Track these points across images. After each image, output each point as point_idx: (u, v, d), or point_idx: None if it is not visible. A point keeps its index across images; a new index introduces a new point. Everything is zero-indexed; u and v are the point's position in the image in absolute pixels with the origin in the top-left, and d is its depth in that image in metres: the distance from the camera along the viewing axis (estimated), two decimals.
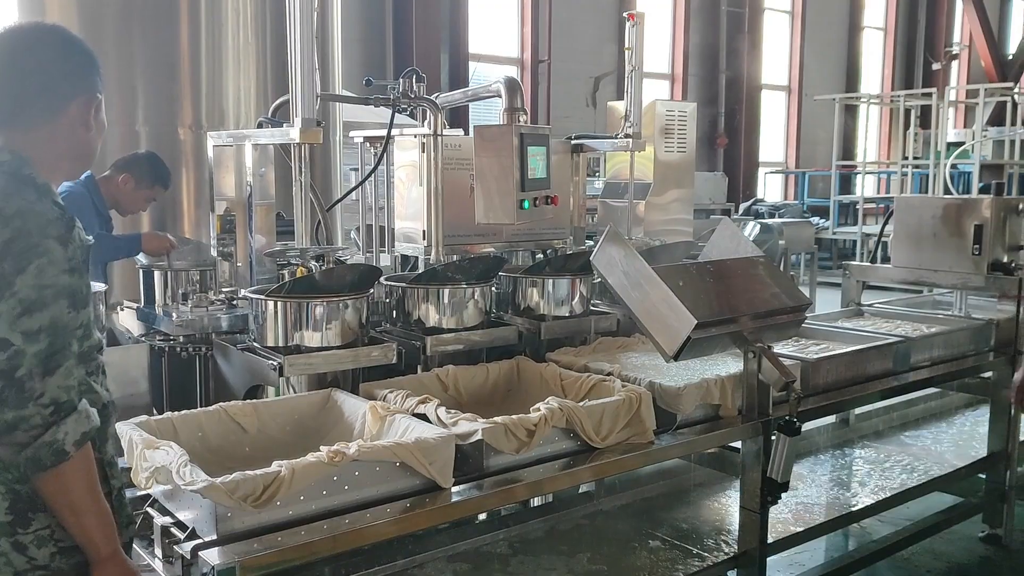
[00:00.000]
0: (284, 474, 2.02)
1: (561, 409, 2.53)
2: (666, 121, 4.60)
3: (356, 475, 2.15)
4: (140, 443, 2.21)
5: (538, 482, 2.48)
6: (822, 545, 4.04)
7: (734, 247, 3.21)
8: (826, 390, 3.42)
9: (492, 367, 3.14)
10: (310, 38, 2.84)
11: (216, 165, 3.47)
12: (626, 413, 2.67)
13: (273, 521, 2.03)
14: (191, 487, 1.96)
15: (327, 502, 2.11)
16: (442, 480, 2.26)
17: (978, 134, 12.30)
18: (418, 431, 2.35)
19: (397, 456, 2.20)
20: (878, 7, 20.95)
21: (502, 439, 2.40)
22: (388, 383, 2.83)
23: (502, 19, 14.90)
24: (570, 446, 2.59)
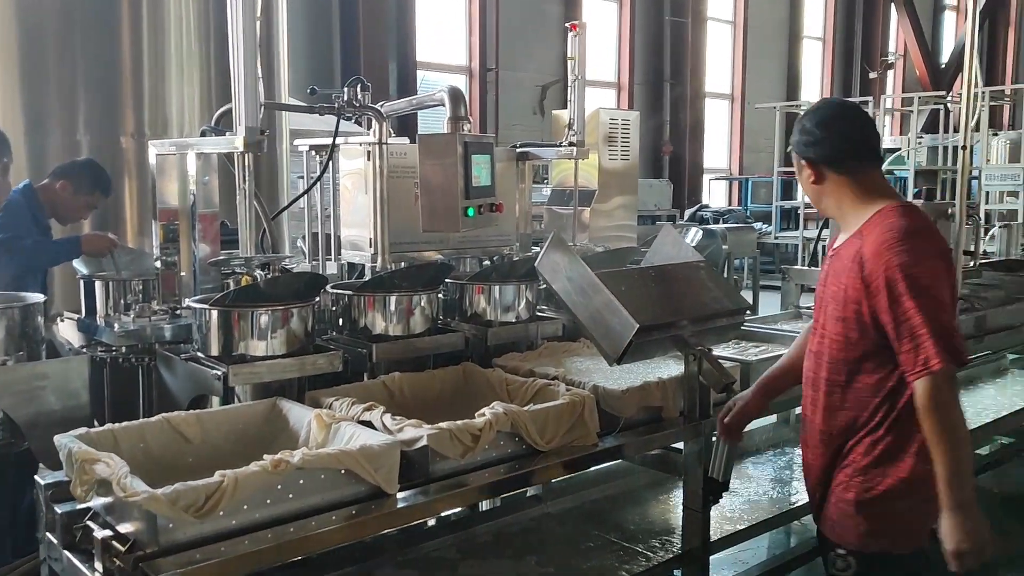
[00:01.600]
0: (227, 484, 2.00)
1: (506, 414, 2.55)
2: (610, 129, 4.69)
3: (301, 483, 2.15)
4: (79, 456, 2.18)
5: (483, 486, 2.50)
6: (765, 542, 4.13)
7: (675, 252, 3.28)
8: None
9: (438, 373, 3.15)
10: (252, 47, 2.84)
11: (159, 174, 3.45)
12: (570, 417, 2.70)
13: (216, 531, 2.02)
14: (132, 498, 1.94)
15: (271, 511, 2.10)
16: (387, 486, 2.27)
17: (912, 141, 12.67)
18: (363, 438, 2.35)
19: (342, 464, 2.20)
20: (817, 17, 21.48)
21: (447, 444, 2.42)
22: (334, 391, 2.83)
23: (450, 28, 14.95)
24: (515, 450, 2.61)
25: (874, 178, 2.38)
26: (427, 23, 14.22)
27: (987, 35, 25.32)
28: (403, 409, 2.80)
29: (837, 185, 2.38)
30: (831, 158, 2.37)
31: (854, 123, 2.40)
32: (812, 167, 2.40)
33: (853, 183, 2.37)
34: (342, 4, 13.06)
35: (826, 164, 2.38)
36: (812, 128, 2.38)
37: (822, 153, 2.37)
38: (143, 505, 1.93)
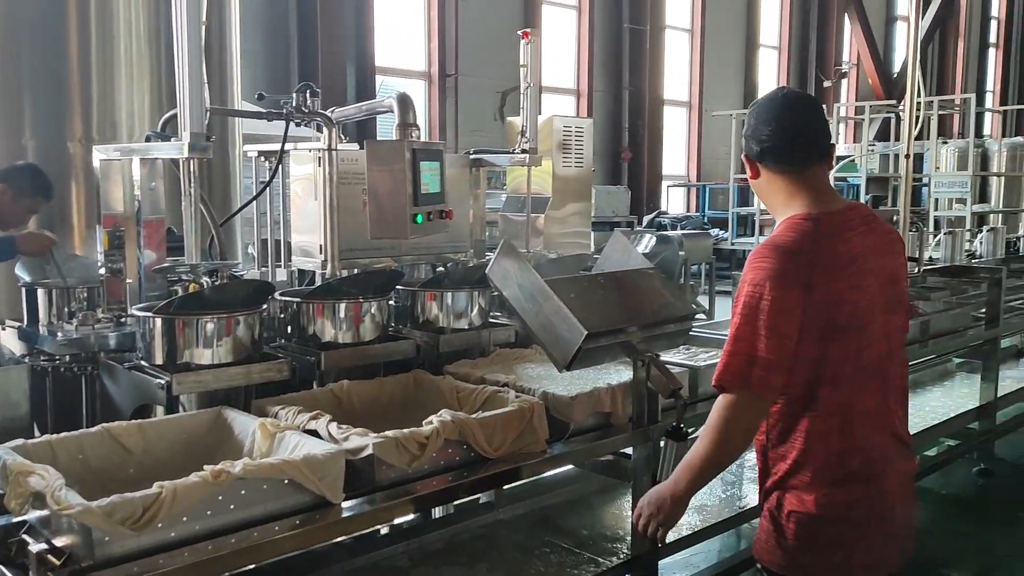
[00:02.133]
0: (165, 495, 1.98)
1: (453, 421, 2.55)
2: (563, 136, 4.71)
3: (243, 494, 2.12)
4: (14, 468, 2.14)
5: (429, 495, 2.49)
6: (715, 545, 4.17)
7: (625, 259, 3.31)
8: (714, 396, 3.53)
9: (388, 381, 3.14)
10: (198, 51, 2.81)
11: (103, 179, 3.39)
12: (519, 423, 2.71)
13: (155, 544, 1.99)
14: (66, 511, 1.91)
15: (212, 522, 2.08)
16: (332, 496, 2.26)
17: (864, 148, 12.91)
18: (307, 447, 2.34)
19: (284, 473, 2.18)
20: (773, 26, 21.80)
21: (393, 453, 2.41)
22: (280, 399, 2.80)
23: (409, 33, 14.91)
24: (464, 458, 2.61)
25: (807, 179, 2.17)
26: (386, 28, 14.18)
27: (938, 45, 25.92)
28: (351, 418, 2.79)
29: (768, 182, 2.22)
30: (759, 153, 2.20)
31: (789, 115, 2.18)
32: (747, 161, 2.25)
33: (782, 182, 2.19)
34: (299, 8, 12.96)
35: (757, 159, 2.21)
36: (750, 120, 2.22)
37: (752, 148, 2.21)
38: (77, 518, 1.90)
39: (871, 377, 2.19)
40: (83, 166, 4.45)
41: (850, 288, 2.12)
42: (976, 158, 13.07)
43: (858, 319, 2.13)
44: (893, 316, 2.23)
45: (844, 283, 2.12)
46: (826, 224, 2.14)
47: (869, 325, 2.15)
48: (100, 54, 4.52)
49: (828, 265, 2.11)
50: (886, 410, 2.23)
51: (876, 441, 2.20)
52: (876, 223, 2.26)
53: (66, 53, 4.47)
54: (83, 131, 4.49)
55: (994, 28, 28.84)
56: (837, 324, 2.10)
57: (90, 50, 4.51)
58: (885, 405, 2.23)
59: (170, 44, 2.88)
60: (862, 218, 2.21)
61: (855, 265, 2.14)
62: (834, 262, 2.12)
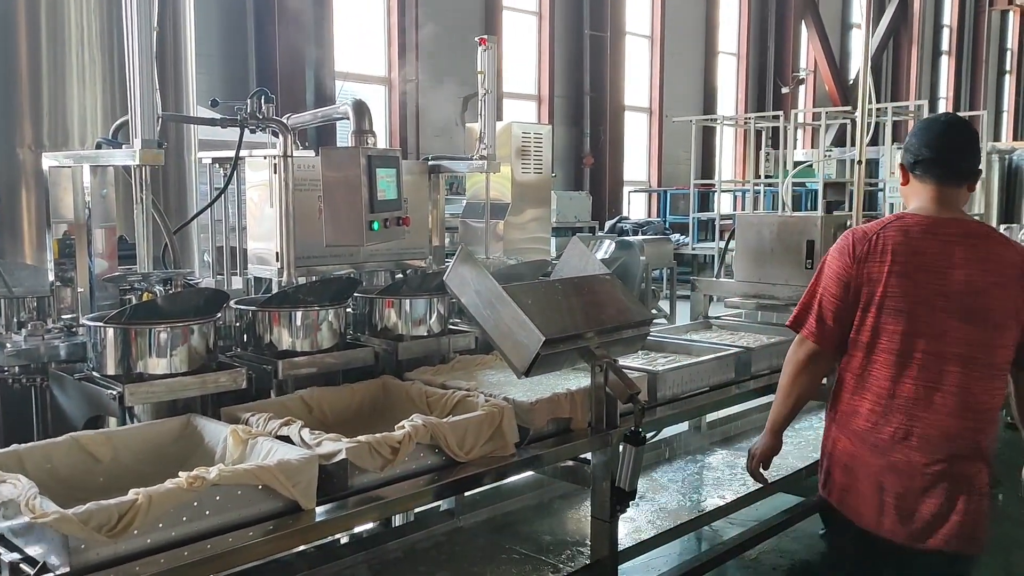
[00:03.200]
0: (141, 502, 1.99)
1: (425, 425, 2.58)
2: (522, 143, 4.72)
3: (217, 500, 2.13)
4: None
5: (403, 498, 2.51)
6: (676, 549, 4.20)
7: (583, 266, 3.33)
8: (673, 400, 3.57)
9: (357, 387, 3.13)
10: (149, 57, 2.77)
11: (53, 186, 3.33)
12: (489, 427, 2.74)
13: (131, 551, 1.99)
14: (42, 520, 1.90)
15: (188, 528, 2.09)
16: (305, 501, 2.27)
17: (821, 154, 13.09)
18: (280, 453, 2.34)
19: (259, 479, 2.19)
20: (731, 33, 22.08)
21: (366, 457, 2.43)
22: (250, 406, 2.79)
23: (370, 38, 14.85)
24: (435, 462, 2.63)
25: (935, 192, 2.55)
26: (346, 32, 14.10)
27: (891, 52, 26.44)
28: (322, 424, 2.79)
29: (910, 188, 2.63)
30: (911, 165, 2.60)
31: (939, 140, 2.56)
32: (901, 168, 2.65)
33: (918, 190, 2.59)
34: (257, 12, 12.85)
35: (909, 169, 2.61)
36: (911, 135, 2.64)
37: (907, 159, 2.62)
38: (54, 526, 1.89)
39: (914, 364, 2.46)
40: (33, 173, 4.35)
41: (897, 275, 2.46)
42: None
43: (899, 304, 2.47)
44: (966, 325, 2.45)
45: (892, 268, 2.47)
46: (910, 222, 2.53)
47: (917, 317, 2.46)
48: (51, 59, 4.44)
49: (884, 250, 2.49)
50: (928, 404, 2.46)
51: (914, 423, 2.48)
52: (982, 242, 2.50)
53: (16, 57, 4.38)
54: (33, 137, 4.39)
55: (946, 36, 29.51)
56: (870, 299, 2.50)
57: (40, 54, 4.42)
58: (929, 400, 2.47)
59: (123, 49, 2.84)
60: (963, 233, 2.50)
61: (917, 259, 2.47)
62: (893, 250, 2.48)
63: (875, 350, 2.52)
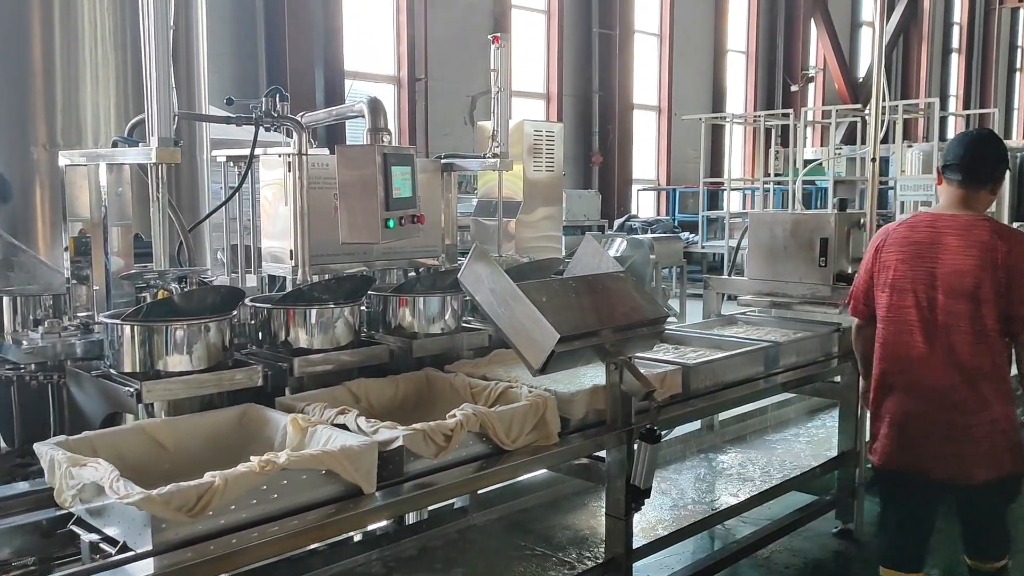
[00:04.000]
0: (218, 484, 2.08)
1: (475, 414, 2.68)
2: (534, 141, 4.72)
3: (284, 484, 2.23)
4: (65, 461, 2.22)
5: (456, 484, 2.62)
6: (689, 547, 4.19)
7: (596, 263, 3.33)
8: (705, 393, 3.66)
9: (401, 379, 3.23)
10: (166, 56, 2.78)
11: (69, 184, 3.34)
12: (533, 417, 2.84)
13: (206, 531, 2.08)
14: (127, 500, 1.99)
15: (257, 511, 2.17)
16: (366, 486, 2.36)
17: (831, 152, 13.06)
18: (341, 440, 2.44)
19: (324, 464, 2.29)
20: (740, 32, 22.01)
21: (421, 444, 2.53)
22: (303, 396, 2.90)
23: (379, 36, 14.86)
24: (482, 450, 2.73)
25: (956, 194, 3.10)
26: (355, 31, 14.11)
27: (902, 50, 26.34)
28: (369, 414, 2.87)
29: (941, 188, 3.21)
30: (942, 168, 3.17)
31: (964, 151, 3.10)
32: (937, 170, 3.24)
33: (944, 189, 3.16)
34: (267, 11, 12.87)
35: (941, 171, 3.19)
36: (948, 143, 3.30)
37: (941, 163, 3.21)
38: (139, 506, 1.99)
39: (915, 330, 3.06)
40: (47, 171, 4.37)
41: (901, 262, 3.10)
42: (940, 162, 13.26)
43: (903, 284, 3.09)
44: (952, 299, 3.00)
45: (897, 256, 3.11)
46: (916, 219, 3.17)
47: (916, 293, 3.05)
48: (64, 57, 4.45)
49: (894, 243, 3.14)
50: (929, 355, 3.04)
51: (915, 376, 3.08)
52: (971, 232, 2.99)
53: (29, 56, 4.39)
54: (47, 136, 4.41)
55: (956, 34, 29.37)
56: (885, 281, 3.15)
57: (54, 53, 4.43)
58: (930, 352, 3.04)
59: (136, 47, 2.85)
60: (959, 226, 3.02)
61: (915, 248, 3.07)
62: (896, 242, 3.13)
63: (887, 320, 3.14)
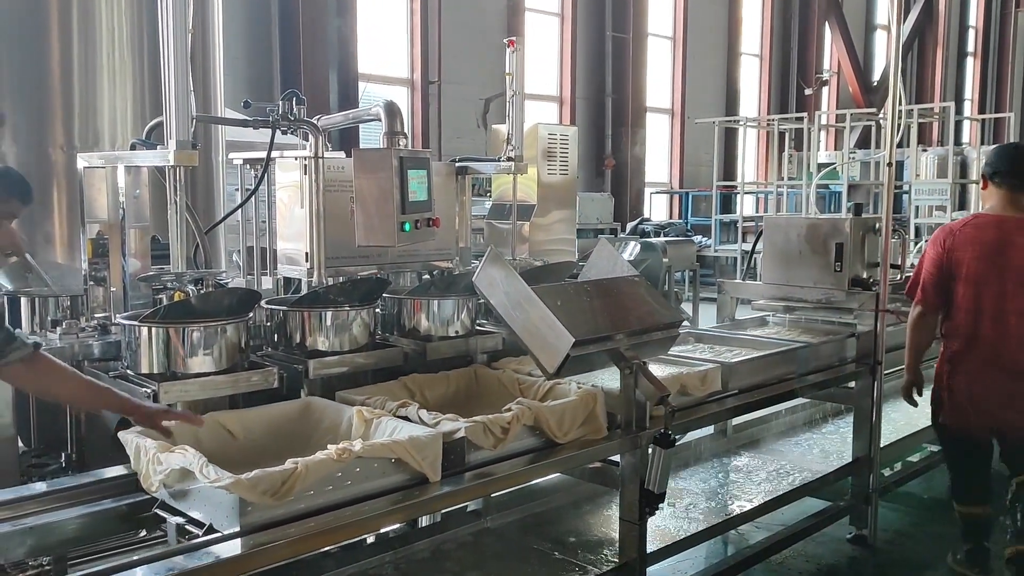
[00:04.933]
0: (300, 470, 2.20)
1: (530, 408, 2.80)
2: (548, 144, 4.73)
3: (357, 471, 2.35)
4: (153, 448, 2.33)
5: (514, 474, 2.73)
6: (703, 552, 4.18)
7: (611, 267, 3.33)
8: (746, 390, 3.75)
9: (452, 375, 3.34)
10: (184, 59, 2.80)
11: (87, 187, 3.37)
12: (583, 411, 2.93)
13: (286, 515, 2.21)
14: (218, 484, 2.11)
15: (331, 496, 2.30)
16: (432, 474, 2.48)
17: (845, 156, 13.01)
18: (406, 431, 2.55)
19: (394, 452, 2.41)
20: (754, 35, 21.95)
21: (481, 436, 2.65)
22: (362, 390, 2.99)
23: (392, 39, 14.90)
24: (534, 443, 2.84)
25: (1005, 198, 3.63)
26: (369, 34, 14.16)
27: (917, 54, 26.19)
28: (424, 407, 2.93)
29: (988, 192, 3.72)
30: (990, 174, 3.69)
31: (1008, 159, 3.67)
32: (983, 177, 3.74)
33: (992, 193, 3.68)
34: (281, 15, 12.93)
35: (988, 178, 3.71)
36: (991, 152, 3.80)
37: (987, 169, 3.72)
38: (229, 489, 2.11)
39: (987, 317, 3.60)
40: (65, 173, 4.40)
41: (973, 258, 3.60)
42: (955, 166, 13.19)
43: (974, 276, 3.60)
44: (1019, 289, 3.55)
45: (971, 254, 3.60)
46: (981, 220, 3.72)
47: (984, 285, 3.59)
48: (82, 60, 4.48)
49: (963, 241, 3.63)
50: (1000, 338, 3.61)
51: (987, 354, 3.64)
52: None
53: (47, 59, 4.43)
54: (65, 138, 4.44)
55: (972, 37, 29.19)
56: (958, 275, 3.64)
57: (72, 56, 4.47)
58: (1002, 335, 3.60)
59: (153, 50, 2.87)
60: (1020, 226, 3.57)
61: (985, 247, 3.59)
62: (967, 241, 3.62)
63: (962, 309, 3.63)
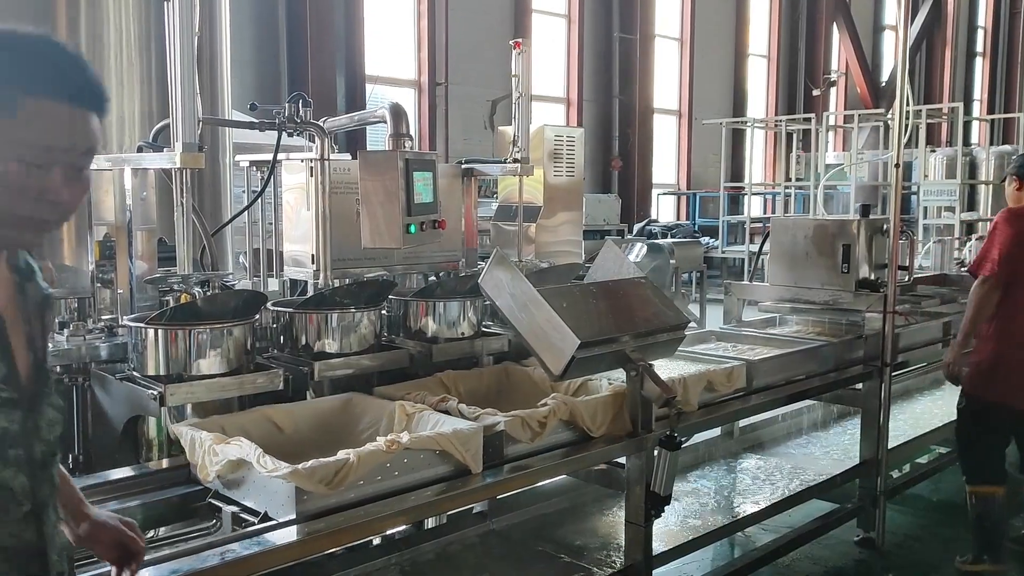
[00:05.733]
0: (352, 460, 2.28)
1: (565, 403, 2.88)
2: (554, 145, 4.72)
3: (404, 462, 2.43)
4: (209, 440, 2.41)
5: (550, 467, 2.81)
6: (709, 554, 4.17)
7: (617, 269, 3.32)
8: (768, 387, 3.82)
9: (485, 371, 3.43)
10: (190, 61, 2.81)
11: (94, 189, 3.37)
12: (615, 406, 2.99)
13: (336, 504, 2.28)
14: (275, 473, 2.19)
15: (379, 486, 2.38)
16: (474, 466, 2.56)
17: (854, 157, 12.97)
18: (449, 424, 2.63)
19: (440, 445, 2.49)
20: (761, 35, 21.92)
21: (519, 430, 2.72)
22: (401, 387, 3.07)
23: (399, 41, 14.93)
24: (567, 437, 2.91)
25: None
26: (376, 36, 14.18)
27: (925, 54, 26.12)
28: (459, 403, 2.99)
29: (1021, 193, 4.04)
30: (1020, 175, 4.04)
31: None
32: (1016, 178, 4.06)
33: None
34: (289, 17, 12.97)
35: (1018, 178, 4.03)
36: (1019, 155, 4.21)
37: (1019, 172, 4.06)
38: (287, 479, 2.18)
39: None
40: None
41: None
42: (964, 166, 13.15)
43: None
44: None
45: None
46: None
47: None
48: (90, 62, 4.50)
49: None
50: None
51: None
52: None
53: None
54: None
55: (980, 37, 29.08)
56: None
57: None
58: None
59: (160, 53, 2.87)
60: None
61: None
62: None
63: None
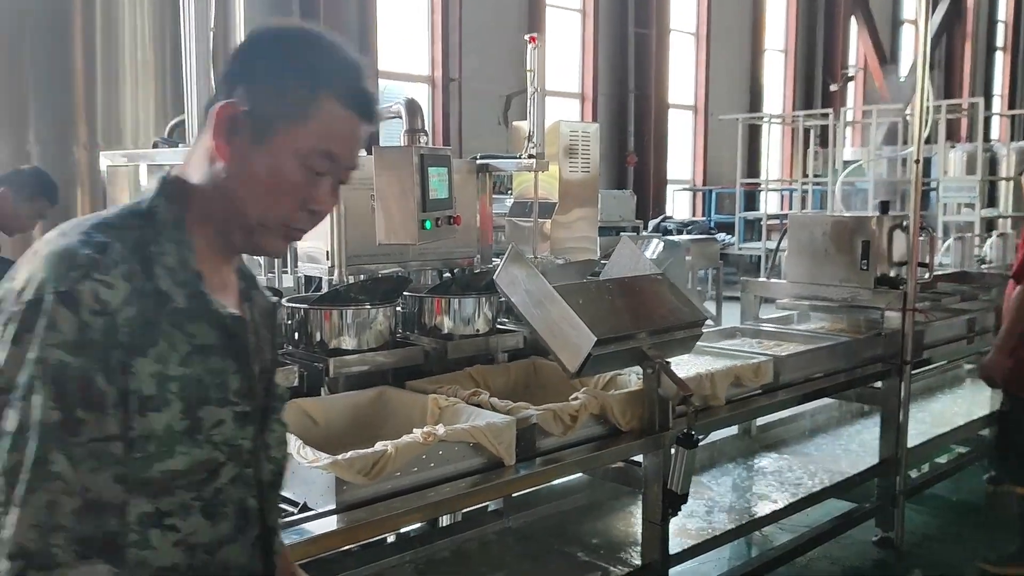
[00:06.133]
0: (390, 451, 2.32)
1: (595, 397, 2.91)
2: (570, 141, 4.66)
3: (440, 454, 2.47)
4: None
5: (582, 460, 2.85)
6: (726, 553, 4.14)
7: (633, 265, 3.29)
8: (793, 383, 3.85)
9: (512, 366, 3.45)
10: (206, 58, 2.80)
11: (110, 185, 3.38)
12: (643, 401, 2.99)
13: (375, 494, 2.32)
14: (316, 464, 2.23)
15: (415, 478, 2.42)
16: (507, 458, 2.59)
17: (872, 153, 12.85)
18: (482, 417, 2.66)
19: (474, 437, 2.53)
20: (779, 30, 21.76)
21: (551, 423, 2.75)
22: (432, 380, 3.11)
23: (413, 37, 14.91)
24: (597, 431, 2.93)
25: None
26: (389, 32, 14.17)
27: (945, 49, 25.86)
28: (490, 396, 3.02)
29: None
30: None
31: None
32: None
33: None
34: (302, 12, 12.96)
35: None
36: None
37: None
38: (327, 469, 2.21)
39: None
40: (88, 172, 4.45)
41: None
42: (984, 162, 12.98)
43: None
44: None
45: None
46: None
47: None
48: (105, 60, 4.52)
49: None
50: None
51: None
52: None
53: (71, 58, 4.47)
54: (88, 136, 4.48)
55: (1001, 31, 28.77)
56: None
57: (95, 55, 4.51)
58: None
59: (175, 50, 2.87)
60: None
61: None
62: None
63: None
